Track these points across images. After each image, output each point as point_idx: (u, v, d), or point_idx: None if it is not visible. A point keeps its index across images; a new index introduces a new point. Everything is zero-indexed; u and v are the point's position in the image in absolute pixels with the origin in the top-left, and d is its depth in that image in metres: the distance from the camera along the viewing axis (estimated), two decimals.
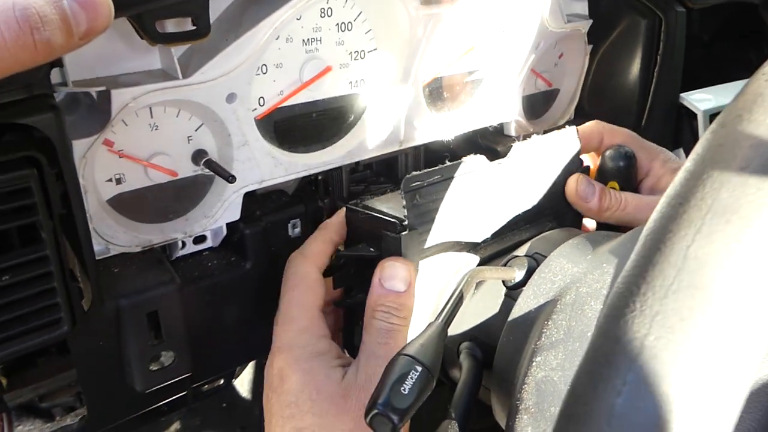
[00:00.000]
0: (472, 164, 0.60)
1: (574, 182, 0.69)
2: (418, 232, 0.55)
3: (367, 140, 0.73)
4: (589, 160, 0.77)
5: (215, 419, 1.58)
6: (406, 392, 0.41)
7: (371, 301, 0.55)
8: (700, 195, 0.28)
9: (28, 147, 0.44)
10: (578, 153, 0.70)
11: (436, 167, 0.57)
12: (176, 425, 1.55)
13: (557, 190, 0.70)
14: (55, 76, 0.52)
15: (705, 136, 0.30)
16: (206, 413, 1.56)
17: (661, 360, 0.25)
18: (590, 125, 0.77)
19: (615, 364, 0.26)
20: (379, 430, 0.40)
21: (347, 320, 0.64)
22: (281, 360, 0.55)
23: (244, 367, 1.04)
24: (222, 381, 0.77)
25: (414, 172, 0.55)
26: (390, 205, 0.58)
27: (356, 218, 0.59)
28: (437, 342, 0.44)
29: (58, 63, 0.48)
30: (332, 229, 0.63)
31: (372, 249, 0.56)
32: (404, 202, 0.54)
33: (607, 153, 0.73)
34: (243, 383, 1.57)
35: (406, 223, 0.54)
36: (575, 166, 0.70)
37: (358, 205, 0.59)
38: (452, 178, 0.58)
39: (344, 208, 0.63)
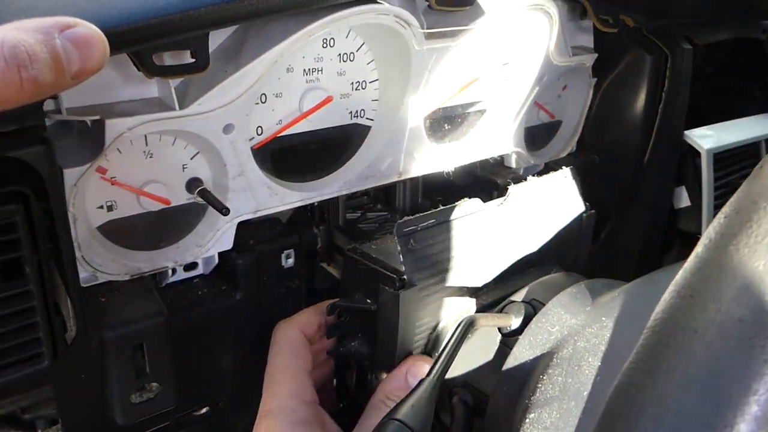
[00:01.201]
0: (468, 207, 0.59)
1: None
2: (417, 288, 0.54)
3: (365, 171, 0.71)
4: None
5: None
6: None
7: (389, 386, 0.55)
8: (713, 285, 0.26)
9: (16, 181, 0.43)
10: (579, 194, 0.69)
11: (430, 211, 0.56)
12: None
13: (560, 232, 0.69)
14: (48, 102, 0.51)
15: (715, 223, 0.29)
16: (193, 428, 1.54)
17: None
18: None
19: None
20: None
21: (339, 368, 0.62)
22: (269, 426, 0.54)
23: None
24: (206, 409, 0.75)
25: (407, 217, 0.54)
26: (389, 253, 0.56)
27: (354, 267, 0.58)
28: (428, 402, 0.43)
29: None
30: (322, 306, 0.63)
31: (369, 300, 0.55)
32: (399, 248, 0.53)
33: None
34: (231, 399, 1.55)
35: (404, 278, 0.53)
36: (580, 208, 0.69)
37: (356, 252, 0.58)
38: (447, 222, 0.57)
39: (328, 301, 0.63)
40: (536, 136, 0.92)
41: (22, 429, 0.92)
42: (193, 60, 0.50)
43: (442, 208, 0.57)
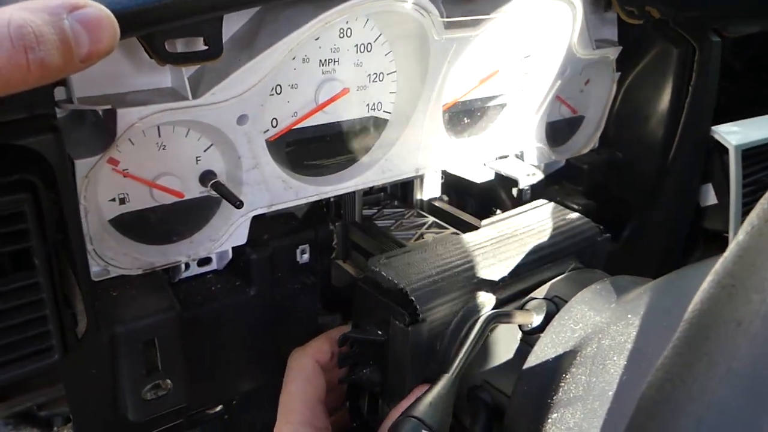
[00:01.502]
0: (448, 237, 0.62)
1: None
2: (427, 323, 0.54)
3: (382, 165, 0.70)
4: None
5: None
6: None
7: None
8: (757, 274, 0.24)
9: (24, 170, 0.42)
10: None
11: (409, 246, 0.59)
12: None
13: (575, 232, 0.67)
14: (59, 92, 0.50)
15: (758, 208, 0.27)
16: (206, 426, 1.53)
17: None
18: None
19: None
20: None
21: (351, 396, 0.61)
22: None
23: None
24: (220, 407, 0.74)
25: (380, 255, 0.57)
26: (403, 276, 0.55)
27: (365, 298, 0.57)
28: (447, 399, 0.41)
29: (62, 81, 0.45)
30: (335, 332, 0.64)
31: (380, 332, 0.54)
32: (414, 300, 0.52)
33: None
34: (247, 397, 1.54)
35: (417, 312, 0.53)
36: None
37: (367, 282, 0.57)
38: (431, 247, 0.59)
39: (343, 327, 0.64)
40: (558, 131, 0.90)
41: (39, 426, 0.92)
42: (206, 47, 0.49)
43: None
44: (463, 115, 0.77)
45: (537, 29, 0.76)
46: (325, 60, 0.63)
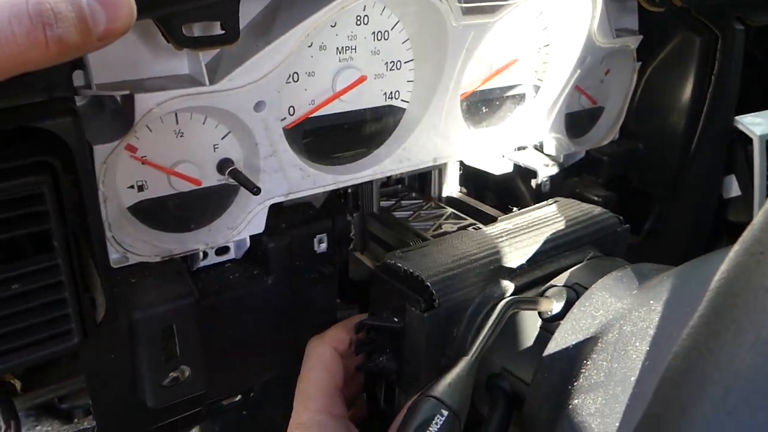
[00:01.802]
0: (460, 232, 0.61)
1: None
2: (443, 308, 0.53)
3: (400, 154, 0.69)
4: None
5: (234, 425, 1.55)
6: None
7: None
8: None
9: (43, 152, 0.42)
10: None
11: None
12: (195, 429, 1.53)
13: (593, 222, 0.66)
14: (78, 78, 0.50)
15: None
16: (225, 420, 1.54)
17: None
18: None
19: None
20: None
21: (369, 384, 0.61)
22: None
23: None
24: (239, 398, 0.74)
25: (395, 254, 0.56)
26: (419, 266, 0.55)
27: (382, 286, 0.57)
28: (466, 381, 0.41)
29: (81, 65, 0.46)
30: (353, 319, 0.64)
31: (396, 319, 0.54)
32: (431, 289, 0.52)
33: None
34: (264, 390, 1.55)
35: (434, 300, 0.52)
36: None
37: (384, 270, 0.57)
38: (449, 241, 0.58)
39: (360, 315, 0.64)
40: (577, 122, 0.88)
41: (60, 418, 0.93)
42: (223, 32, 0.49)
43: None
44: (482, 105, 0.77)
45: (556, 17, 0.75)
46: (343, 47, 0.63)
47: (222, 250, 0.65)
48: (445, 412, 0.39)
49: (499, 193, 0.93)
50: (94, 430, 0.72)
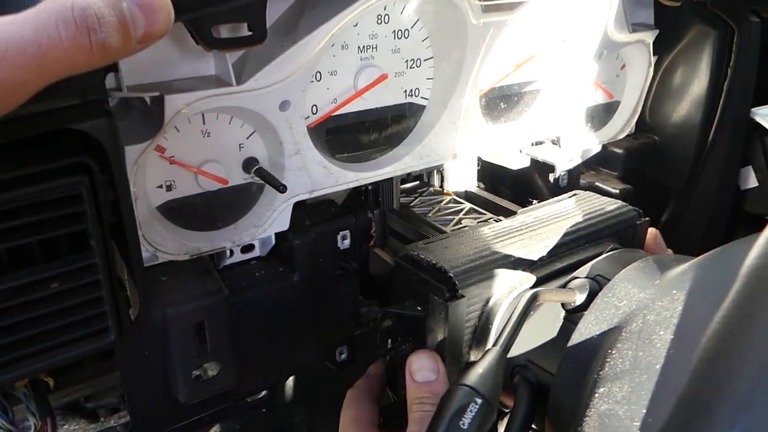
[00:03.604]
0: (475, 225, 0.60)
1: (653, 235, 0.70)
2: (465, 299, 0.54)
3: (420, 151, 0.70)
4: None
5: (255, 425, 1.57)
6: (465, 427, 0.38)
7: (409, 396, 0.55)
8: None
9: (80, 153, 0.43)
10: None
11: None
12: (216, 428, 1.55)
13: (613, 216, 0.67)
14: (109, 80, 0.52)
15: None
16: (246, 419, 1.56)
17: None
18: None
19: (716, 417, 0.23)
20: None
21: (391, 373, 0.62)
22: None
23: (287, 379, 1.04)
24: (264, 393, 0.75)
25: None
26: (441, 258, 0.56)
27: (404, 275, 0.58)
28: (497, 370, 0.42)
29: (113, 67, 0.47)
30: (380, 366, 0.65)
31: (419, 308, 0.55)
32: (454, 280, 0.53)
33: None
34: (284, 389, 1.57)
35: (456, 289, 0.53)
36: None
37: (407, 260, 0.58)
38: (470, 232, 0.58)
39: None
40: (594, 116, 0.89)
41: (86, 417, 0.94)
42: (251, 33, 0.50)
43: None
44: (500, 101, 0.77)
45: (573, 13, 0.75)
46: (364, 46, 0.64)
47: (247, 248, 0.66)
48: (479, 400, 0.40)
49: (516, 188, 0.93)
50: (121, 429, 0.73)
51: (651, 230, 0.70)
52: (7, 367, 0.45)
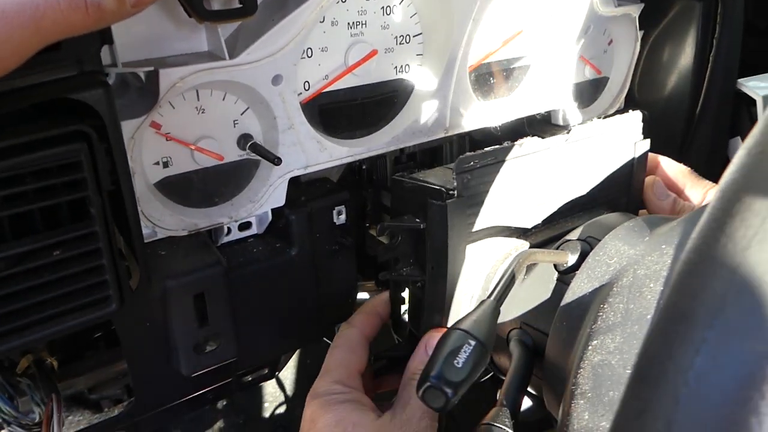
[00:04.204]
0: (528, 147, 0.59)
1: (651, 182, 0.71)
2: (465, 201, 0.54)
3: (412, 126, 0.72)
4: None
5: (257, 418, 1.58)
6: (460, 366, 0.39)
7: (415, 364, 0.56)
8: None
9: (79, 121, 0.45)
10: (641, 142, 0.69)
11: (491, 148, 0.56)
12: (219, 423, 1.56)
13: (613, 175, 0.67)
14: (105, 57, 0.53)
15: None
16: (248, 411, 1.57)
17: (746, 315, 0.23)
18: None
19: (692, 320, 0.24)
20: (432, 403, 0.39)
21: (393, 293, 0.63)
22: (314, 405, 0.57)
23: (288, 360, 1.05)
24: (266, 371, 0.76)
25: (468, 153, 0.54)
26: (438, 177, 0.56)
27: (402, 187, 0.58)
28: (490, 318, 0.43)
29: (109, 39, 0.48)
30: (378, 302, 0.66)
31: (418, 220, 0.55)
32: (455, 183, 0.52)
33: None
34: (286, 382, 1.58)
35: (453, 192, 0.53)
36: (641, 156, 0.68)
37: (404, 175, 0.58)
38: (505, 161, 0.57)
39: (384, 295, 0.65)
40: (583, 92, 0.90)
41: (89, 408, 0.95)
42: (242, 5, 0.51)
43: (503, 145, 0.56)
44: (489, 77, 0.79)
45: None
46: (353, 23, 0.65)
47: (244, 226, 0.67)
48: (473, 342, 0.41)
49: None
50: (124, 412, 0.74)
51: (649, 179, 0.71)
52: (11, 335, 0.46)
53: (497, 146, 0.57)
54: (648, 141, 0.70)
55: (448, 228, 0.53)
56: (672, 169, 0.74)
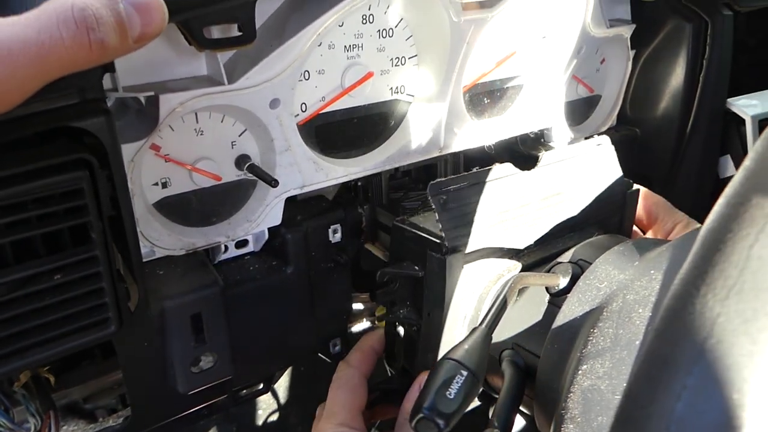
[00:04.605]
0: (501, 171, 0.60)
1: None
2: (462, 253, 0.55)
3: (407, 146, 0.73)
4: None
5: (251, 426, 1.59)
6: (452, 396, 0.40)
7: (409, 404, 0.58)
8: (763, 193, 0.27)
9: (81, 149, 0.45)
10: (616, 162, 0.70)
11: (462, 174, 0.58)
12: (213, 430, 1.56)
13: (601, 197, 0.69)
14: (106, 81, 0.54)
15: (764, 135, 0.29)
16: (242, 420, 1.57)
17: (724, 364, 0.24)
18: None
19: (674, 367, 0.25)
20: None
21: (389, 334, 0.64)
22: None
23: (282, 373, 1.06)
24: (261, 386, 0.77)
25: (440, 179, 0.56)
26: (434, 224, 0.58)
27: (402, 236, 0.60)
28: (482, 347, 0.44)
29: (110, 68, 0.49)
30: (374, 339, 0.68)
31: (416, 267, 0.57)
32: (436, 213, 0.54)
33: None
34: (279, 391, 1.58)
35: (450, 245, 0.55)
36: (620, 179, 0.70)
37: (404, 222, 0.60)
38: (480, 183, 0.58)
39: (379, 332, 0.67)
40: (576, 111, 0.92)
41: (84, 418, 0.96)
42: (241, 33, 0.52)
43: (474, 171, 0.58)
44: (483, 96, 0.80)
45: (552, 10, 0.78)
46: (350, 45, 0.66)
47: (241, 243, 0.68)
48: (465, 372, 0.42)
49: None
50: (119, 428, 0.75)
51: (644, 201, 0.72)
52: (12, 357, 0.47)
53: (469, 172, 0.58)
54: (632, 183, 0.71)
55: (446, 280, 0.55)
56: (648, 200, 0.76)
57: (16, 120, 0.43)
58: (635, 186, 0.72)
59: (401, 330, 0.64)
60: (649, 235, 0.76)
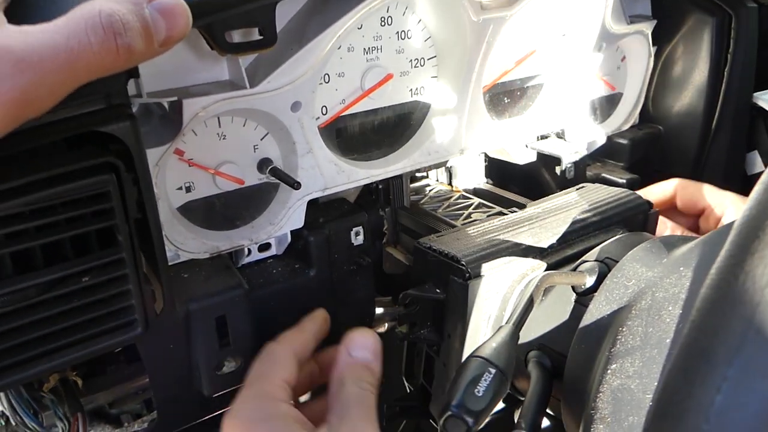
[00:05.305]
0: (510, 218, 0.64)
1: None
2: (484, 278, 0.56)
3: (427, 147, 0.73)
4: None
5: None
6: (481, 394, 0.40)
7: (339, 370, 0.54)
8: None
9: (107, 154, 0.46)
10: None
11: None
12: None
13: (622, 208, 0.69)
14: (130, 88, 0.54)
15: None
16: None
17: (764, 354, 0.24)
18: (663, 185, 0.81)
19: (713, 358, 0.25)
20: None
21: (409, 353, 0.64)
22: (230, 427, 0.50)
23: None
24: None
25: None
26: (459, 246, 0.58)
27: (424, 258, 0.60)
28: (510, 345, 0.44)
29: (135, 74, 0.50)
30: (309, 320, 0.63)
31: (438, 290, 0.57)
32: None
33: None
34: None
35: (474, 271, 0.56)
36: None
37: (426, 245, 0.60)
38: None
39: (318, 312, 0.65)
40: (597, 109, 0.91)
41: (110, 423, 0.96)
42: (261, 37, 0.52)
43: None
44: (504, 96, 0.79)
45: (571, 8, 0.77)
46: (369, 48, 0.66)
47: (264, 247, 0.68)
48: (493, 370, 0.41)
49: (523, 182, 0.95)
50: (146, 429, 0.75)
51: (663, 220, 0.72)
52: (42, 359, 0.47)
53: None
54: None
55: (468, 303, 0.55)
56: (688, 188, 0.75)
57: (45, 126, 0.44)
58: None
59: (421, 348, 0.64)
60: (701, 224, 0.74)
